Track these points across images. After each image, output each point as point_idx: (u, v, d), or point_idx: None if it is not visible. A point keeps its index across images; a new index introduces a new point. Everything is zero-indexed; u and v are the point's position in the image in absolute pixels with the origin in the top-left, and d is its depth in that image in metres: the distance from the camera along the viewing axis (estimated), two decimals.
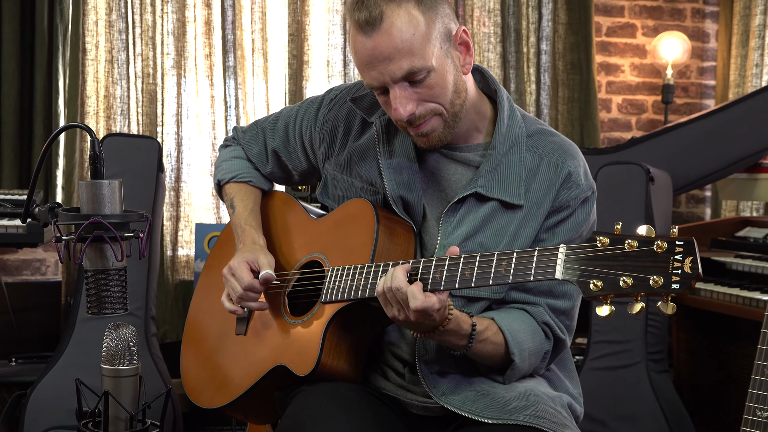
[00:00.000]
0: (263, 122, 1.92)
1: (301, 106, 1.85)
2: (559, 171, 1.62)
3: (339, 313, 1.59)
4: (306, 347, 1.61)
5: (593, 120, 3.80)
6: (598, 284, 1.27)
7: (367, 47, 1.51)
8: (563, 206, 1.62)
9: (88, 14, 3.31)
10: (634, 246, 1.27)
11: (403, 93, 1.52)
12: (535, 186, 1.61)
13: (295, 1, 3.51)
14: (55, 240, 1.45)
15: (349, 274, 1.57)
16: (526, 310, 1.61)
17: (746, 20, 3.78)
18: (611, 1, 4.06)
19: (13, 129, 3.19)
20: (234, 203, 1.86)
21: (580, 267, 1.30)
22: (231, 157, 1.93)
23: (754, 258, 2.78)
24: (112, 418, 1.62)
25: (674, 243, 1.25)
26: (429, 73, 1.51)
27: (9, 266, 3.33)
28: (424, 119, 1.55)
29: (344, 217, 1.70)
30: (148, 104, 3.38)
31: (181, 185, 3.42)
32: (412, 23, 1.49)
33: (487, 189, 1.59)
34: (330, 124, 1.77)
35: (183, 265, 3.43)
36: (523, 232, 1.60)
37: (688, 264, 1.23)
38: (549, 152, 1.63)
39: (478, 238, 1.60)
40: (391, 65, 1.50)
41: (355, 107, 1.73)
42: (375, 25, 1.49)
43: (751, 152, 3.12)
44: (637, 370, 2.76)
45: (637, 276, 1.25)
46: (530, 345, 1.58)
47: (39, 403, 2.63)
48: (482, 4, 3.73)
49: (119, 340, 1.66)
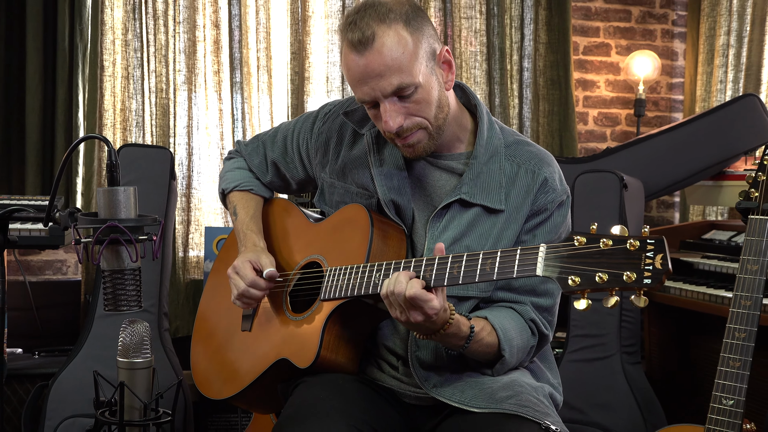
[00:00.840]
0: (263, 136, 1.93)
1: (297, 121, 1.86)
2: (536, 177, 1.62)
3: (337, 309, 1.58)
4: (307, 341, 1.60)
5: (571, 131, 3.81)
6: (576, 280, 1.28)
7: (359, 65, 1.51)
8: (541, 210, 1.62)
9: (106, 34, 3.30)
10: (609, 244, 1.27)
11: (393, 107, 1.52)
12: (514, 192, 1.62)
13: (296, 22, 3.51)
14: (74, 242, 1.45)
15: (346, 274, 1.57)
16: (514, 309, 1.61)
17: (711, 40, 3.79)
18: (587, 23, 4.07)
19: (36, 139, 3.17)
20: (237, 210, 1.87)
21: (560, 264, 1.30)
22: (234, 168, 1.93)
23: (719, 258, 2.78)
24: (128, 407, 1.61)
25: (646, 241, 1.25)
26: (416, 89, 1.52)
27: (32, 266, 3.32)
28: (410, 132, 1.55)
29: (341, 220, 1.70)
30: (162, 117, 3.37)
31: (191, 192, 3.41)
32: (401, 43, 1.50)
33: (470, 195, 1.60)
34: (324, 135, 1.77)
35: (193, 265, 3.42)
36: (505, 234, 1.61)
37: (658, 260, 1.24)
38: (526, 160, 1.64)
39: (464, 242, 1.60)
40: (382, 81, 1.50)
41: (347, 120, 1.74)
42: (367, 44, 1.50)
43: (717, 161, 3.12)
44: (612, 362, 2.76)
45: (611, 272, 1.26)
46: (519, 342, 1.58)
47: (60, 393, 2.62)
48: (469, 24, 3.73)
49: (134, 334, 1.66)
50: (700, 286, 2.63)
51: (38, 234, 2.61)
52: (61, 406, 2.60)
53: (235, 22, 3.42)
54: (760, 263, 1.80)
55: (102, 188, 1.44)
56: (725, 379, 1.76)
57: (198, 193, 3.43)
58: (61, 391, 2.62)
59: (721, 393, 1.76)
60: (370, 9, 1.52)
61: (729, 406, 1.75)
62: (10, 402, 2.75)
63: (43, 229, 2.59)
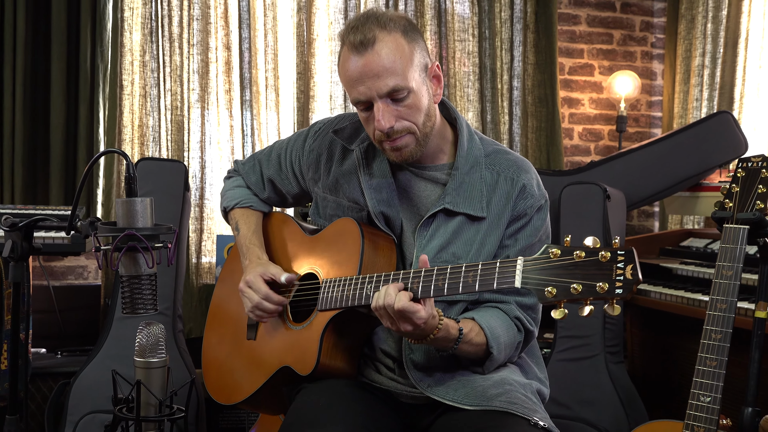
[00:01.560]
0: (259, 155, 1.92)
1: (290, 139, 1.85)
2: (515, 184, 1.61)
3: (333, 319, 1.57)
4: (307, 350, 1.59)
5: (558, 146, 3.81)
6: (552, 291, 1.25)
7: (358, 65, 1.51)
8: (521, 215, 1.61)
9: (125, 56, 3.31)
10: (582, 256, 1.25)
11: (386, 108, 1.51)
12: (495, 199, 1.61)
13: (302, 45, 3.52)
14: (95, 249, 1.44)
15: (341, 285, 1.56)
16: (500, 308, 1.60)
17: (688, 62, 3.79)
18: (572, 45, 4.08)
19: (60, 153, 3.18)
20: (239, 226, 1.86)
21: (536, 276, 1.28)
22: (234, 187, 1.93)
23: (696, 264, 2.78)
24: (144, 404, 1.60)
25: (616, 252, 1.23)
26: (409, 94, 1.52)
27: (56, 272, 3.32)
28: (399, 135, 1.54)
29: (333, 234, 1.69)
30: (176, 133, 3.37)
31: (204, 202, 3.41)
32: (398, 48, 1.50)
33: (454, 205, 1.59)
34: (315, 153, 1.76)
35: (206, 271, 3.41)
36: (488, 240, 1.60)
37: (629, 271, 1.21)
38: (505, 168, 1.63)
39: (450, 249, 1.59)
40: (379, 81, 1.50)
41: (336, 138, 1.73)
42: (368, 45, 1.49)
43: (693, 174, 3.12)
44: (597, 361, 2.75)
45: (585, 283, 1.23)
46: (506, 339, 1.57)
47: (80, 390, 2.61)
48: (463, 47, 3.74)
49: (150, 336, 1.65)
50: (678, 290, 2.63)
51: (61, 242, 2.61)
52: (81, 403, 2.59)
53: (245, 44, 3.43)
54: (735, 269, 1.79)
55: (120, 199, 1.44)
56: (703, 377, 1.76)
57: (210, 203, 3.43)
58: (82, 388, 2.62)
59: (698, 390, 1.75)
60: (372, 17, 1.52)
61: (706, 403, 1.74)
62: (35, 398, 2.75)
63: (66, 237, 2.59)
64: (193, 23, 3.38)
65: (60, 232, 2.64)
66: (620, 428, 2.60)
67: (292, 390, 1.66)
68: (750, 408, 1.89)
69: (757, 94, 3.42)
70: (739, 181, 1.87)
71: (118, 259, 1.42)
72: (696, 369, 1.77)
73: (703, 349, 1.77)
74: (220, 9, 3.43)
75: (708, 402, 1.74)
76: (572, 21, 4.07)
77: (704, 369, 1.76)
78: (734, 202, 1.85)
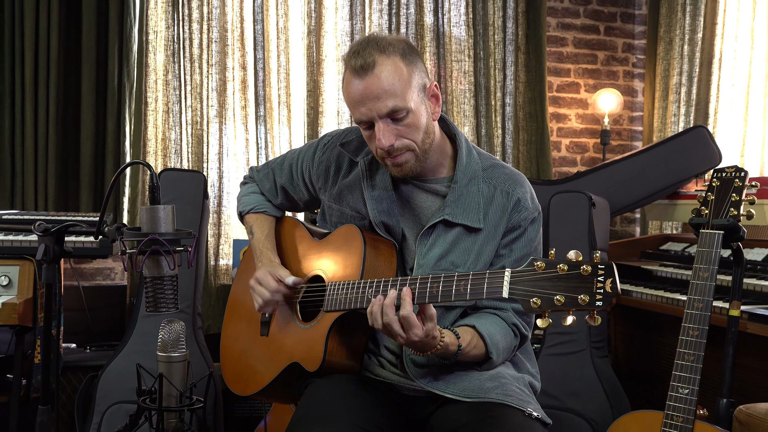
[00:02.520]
0: (273, 163, 1.91)
1: (301, 150, 1.84)
2: (510, 198, 1.59)
3: (338, 320, 1.56)
4: (313, 348, 1.59)
5: (547, 158, 3.80)
6: (537, 302, 1.24)
7: (359, 88, 1.49)
8: (516, 226, 1.59)
9: (149, 75, 3.31)
10: (565, 269, 1.23)
11: (387, 128, 1.50)
12: (491, 211, 1.59)
13: (312, 65, 3.52)
14: (121, 253, 1.44)
15: (344, 289, 1.55)
16: (498, 315, 1.58)
17: (666, 80, 3.79)
18: (560, 65, 4.08)
19: (89, 164, 3.18)
20: (253, 230, 1.85)
21: (522, 288, 1.26)
22: (249, 193, 1.92)
23: (674, 267, 2.77)
24: (166, 395, 1.60)
25: (597, 267, 1.21)
26: (408, 114, 1.49)
27: (85, 273, 3.32)
28: (399, 152, 1.52)
29: (338, 239, 1.68)
30: (196, 145, 3.37)
31: (222, 209, 3.41)
32: (397, 72, 1.48)
33: (452, 216, 1.57)
34: (324, 164, 1.74)
35: (223, 272, 3.41)
36: (485, 250, 1.58)
37: (608, 285, 1.19)
38: (501, 182, 1.61)
39: (449, 258, 1.57)
40: (379, 103, 1.48)
41: (343, 150, 1.72)
42: (368, 69, 1.47)
43: (671, 183, 3.12)
44: (583, 356, 2.74)
45: (568, 295, 1.21)
46: (504, 344, 1.55)
47: (107, 382, 2.61)
48: (459, 66, 3.74)
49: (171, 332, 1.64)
50: (658, 290, 2.62)
51: (90, 245, 2.61)
52: (108, 394, 2.59)
53: (260, 64, 3.43)
54: (710, 271, 1.79)
55: (145, 206, 1.44)
56: (681, 371, 1.75)
57: (227, 210, 3.42)
58: (109, 380, 2.61)
59: (677, 383, 1.74)
60: (372, 42, 1.50)
61: (685, 394, 1.73)
62: (65, 390, 2.74)
63: (95, 241, 2.59)
64: (212, 45, 3.38)
65: (89, 236, 2.64)
66: (605, 418, 2.59)
67: (301, 383, 1.65)
68: (725, 399, 1.88)
69: (730, 110, 3.41)
70: (714, 189, 1.86)
71: (143, 261, 1.42)
72: (675, 363, 1.76)
73: (681, 344, 1.76)
74: (236, 32, 3.43)
75: (686, 393, 1.73)
76: (560, 43, 4.07)
77: (683, 363, 1.75)
78: (710, 209, 1.85)
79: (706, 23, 3.47)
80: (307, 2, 3.51)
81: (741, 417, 1.86)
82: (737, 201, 1.82)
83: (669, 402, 1.74)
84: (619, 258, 3.11)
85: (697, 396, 1.72)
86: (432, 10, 3.69)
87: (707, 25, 3.47)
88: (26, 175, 3.09)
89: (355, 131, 1.74)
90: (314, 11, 3.50)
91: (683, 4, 3.64)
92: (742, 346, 2.00)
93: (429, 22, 3.68)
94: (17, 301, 2.32)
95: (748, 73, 3.32)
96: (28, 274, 2.46)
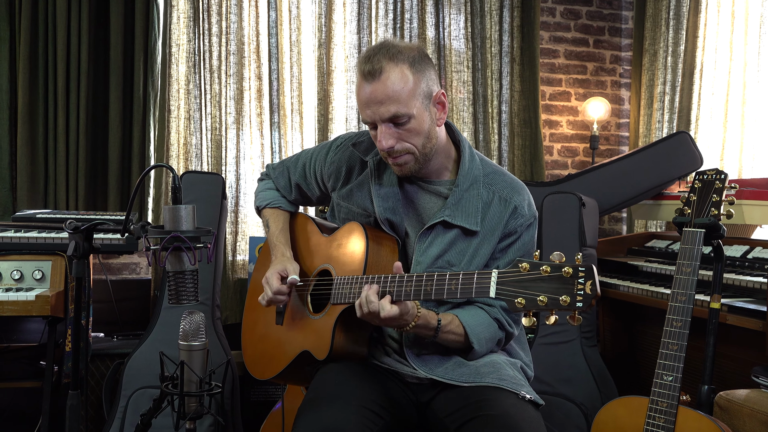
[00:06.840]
0: (288, 162, 1.90)
1: (315, 150, 1.83)
2: (508, 205, 1.58)
3: (344, 312, 1.56)
4: (322, 337, 1.58)
5: (540, 161, 3.79)
6: (522, 302, 1.22)
7: (366, 92, 1.48)
8: (512, 232, 1.58)
9: (172, 84, 3.31)
10: (548, 271, 1.21)
11: (388, 131, 1.49)
12: (489, 216, 1.57)
13: (322, 75, 3.52)
14: (145, 249, 1.44)
15: (350, 283, 1.55)
16: (482, 308, 1.57)
17: (651, 89, 3.77)
18: (552, 75, 4.07)
19: (117, 167, 3.18)
20: (269, 224, 1.85)
21: (508, 288, 1.25)
22: (266, 189, 1.92)
23: (659, 262, 2.76)
24: (187, 381, 1.60)
25: (578, 269, 1.19)
26: (410, 119, 1.48)
27: (113, 268, 3.32)
28: (399, 154, 1.52)
29: (343, 235, 1.68)
30: (216, 150, 3.37)
31: (239, 209, 3.41)
32: (403, 79, 1.46)
33: (452, 218, 1.55)
34: (336, 164, 1.73)
35: (240, 267, 3.41)
36: (480, 252, 1.56)
37: (588, 286, 1.17)
38: (500, 189, 1.60)
39: (446, 257, 1.56)
40: (382, 108, 1.47)
41: (355, 150, 1.71)
42: (375, 75, 1.46)
43: (656, 185, 3.11)
44: (574, 345, 2.73)
45: (550, 296, 1.19)
46: (486, 334, 1.54)
47: (133, 369, 2.61)
48: (459, 77, 3.73)
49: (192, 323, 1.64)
50: (644, 284, 2.61)
51: (117, 242, 2.61)
52: (134, 380, 2.60)
53: (274, 75, 3.43)
54: (693, 266, 1.78)
55: (168, 206, 1.44)
56: (665, 359, 1.74)
57: (244, 210, 3.42)
58: (134, 367, 2.62)
59: (662, 371, 1.74)
60: (384, 48, 1.48)
61: (669, 381, 1.72)
62: (94, 375, 2.75)
63: (121, 238, 2.59)
64: (230, 57, 3.38)
65: (116, 234, 2.65)
66: (594, 403, 2.58)
67: (313, 369, 1.65)
68: (706, 386, 1.88)
69: (710, 117, 3.39)
70: (696, 191, 1.86)
71: (166, 257, 1.42)
72: (660, 352, 1.75)
73: (665, 335, 1.75)
74: (252, 45, 3.43)
75: (670, 381, 1.72)
76: (552, 55, 4.06)
77: (667, 352, 1.74)
78: (692, 209, 1.84)
79: (688, 36, 3.46)
80: (318, 17, 3.50)
81: (721, 402, 1.85)
82: (718, 201, 1.81)
83: (654, 388, 1.73)
84: (607, 254, 3.10)
85: (680, 383, 1.71)
86: (434, 24, 3.68)
87: (689, 38, 3.46)
88: (58, 177, 3.10)
89: (367, 133, 1.73)
90: (324, 26, 3.50)
91: (667, 18, 3.62)
92: (722, 337, 1.99)
93: (431, 35, 3.68)
94: (50, 294, 2.33)
95: (728, 83, 3.30)
96: (59, 269, 2.47)
